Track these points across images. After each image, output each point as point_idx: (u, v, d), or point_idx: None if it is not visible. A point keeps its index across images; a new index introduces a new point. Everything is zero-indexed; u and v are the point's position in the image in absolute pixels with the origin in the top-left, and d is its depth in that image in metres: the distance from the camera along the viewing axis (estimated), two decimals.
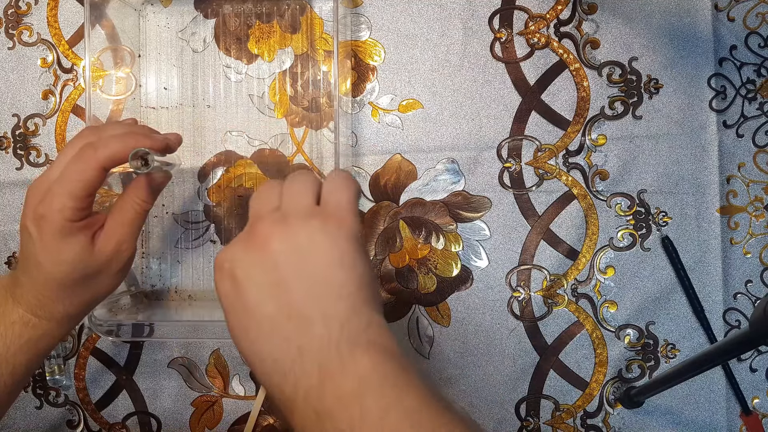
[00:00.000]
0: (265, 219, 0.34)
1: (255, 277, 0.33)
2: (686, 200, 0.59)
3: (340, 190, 0.36)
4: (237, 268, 0.33)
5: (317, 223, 0.34)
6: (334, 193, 0.36)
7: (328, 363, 0.30)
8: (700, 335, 0.59)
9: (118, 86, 0.59)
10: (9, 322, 0.42)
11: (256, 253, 0.33)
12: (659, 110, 0.59)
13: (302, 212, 0.34)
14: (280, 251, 0.33)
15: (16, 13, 0.63)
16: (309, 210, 0.35)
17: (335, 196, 0.36)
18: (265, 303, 0.32)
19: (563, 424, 0.60)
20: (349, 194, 0.36)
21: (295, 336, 0.31)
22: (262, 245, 0.33)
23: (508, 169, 0.60)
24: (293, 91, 0.60)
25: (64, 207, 0.39)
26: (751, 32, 0.59)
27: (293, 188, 0.36)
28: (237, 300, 0.33)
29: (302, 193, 0.36)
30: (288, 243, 0.33)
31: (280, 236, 0.33)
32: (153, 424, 0.62)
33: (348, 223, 0.34)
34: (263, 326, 0.32)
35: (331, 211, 0.35)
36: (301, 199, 0.36)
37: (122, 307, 0.58)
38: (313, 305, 0.32)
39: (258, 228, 0.34)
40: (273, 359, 0.31)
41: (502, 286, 0.60)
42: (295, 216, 0.34)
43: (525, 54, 0.59)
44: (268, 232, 0.33)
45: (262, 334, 0.32)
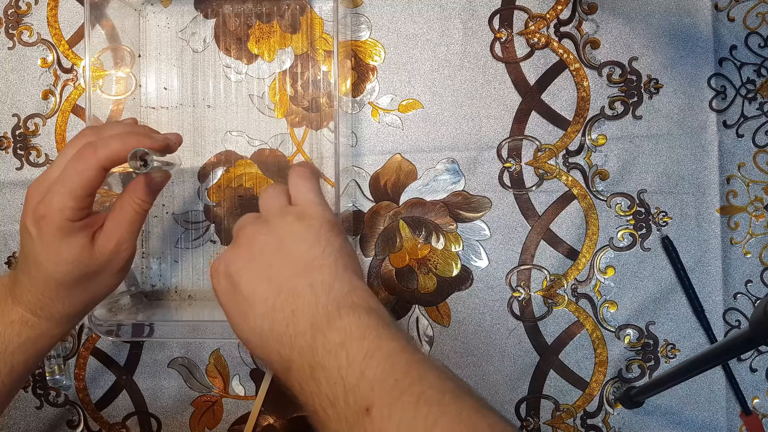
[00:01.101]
0: (248, 225, 0.40)
1: (246, 268, 0.37)
2: (686, 200, 0.59)
3: (304, 188, 0.42)
4: (230, 266, 0.38)
5: (291, 216, 0.39)
6: (300, 192, 0.42)
7: (317, 322, 0.34)
8: (700, 335, 0.59)
9: (118, 86, 0.59)
10: (8, 322, 0.42)
11: (244, 250, 0.38)
12: (659, 110, 0.59)
13: (278, 211, 0.40)
14: (265, 242, 0.38)
15: (16, 13, 0.63)
16: (283, 208, 0.41)
17: (302, 194, 0.42)
18: (258, 287, 0.37)
19: (563, 424, 0.60)
20: (311, 189, 0.42)
21: (288, 304, 0.35)
22: (249, 243, 0.38)
23: (508, 169, 0.60)
24: (293, 91, 0.60)
25: (64, 207, 0.39)
26: (751, 32, 0.59)
27: (266, 197, 0.42)
28: (234, 293, 0.37)
29: (275, 197, 0.42)
30: (270, 236, 0.38)
31: (263, 232, 0.39)
32: (153, 424, 0.62)
33: (318, 212, 0.40)
34: (258, 306, 0.36)
35: (302, 206, 0.41)
36: (275, 202, 0.42)
37: (122, 307, 0.58)
38: (298, 278, 0.36)
39: (242, 233, 0.39)
40: (270, 329, 0.35)
41: (502, 286, 0.60)
42: (272, 215, 0.40)
43: (525, 54, 0.59)
44: (252, 233, 0.39)
45: (259, 313, 0.36)
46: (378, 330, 0.34)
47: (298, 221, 0.39)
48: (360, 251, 0.60)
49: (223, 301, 0.39)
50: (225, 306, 0.38)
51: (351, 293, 0.36)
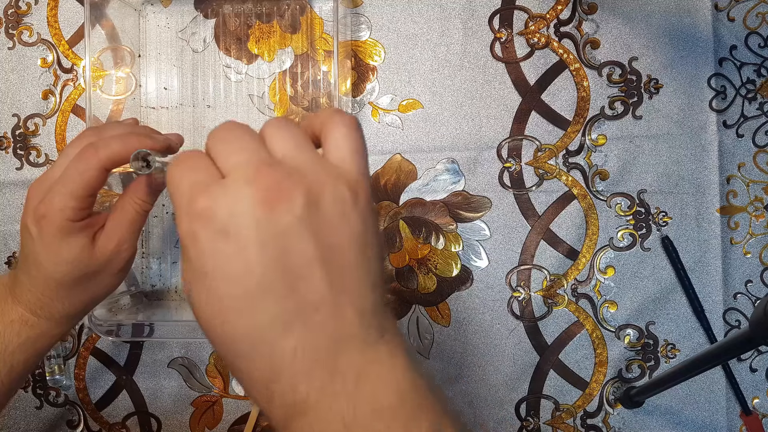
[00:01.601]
0: (276, 168, 0.26)
1: (273, 248, 0.25)
2: (686, 200, 0.59)
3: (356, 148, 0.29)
4: (244, 230, 0.25)
5: (346, 189, 0.27)
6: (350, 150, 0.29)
7: (366, 367, 0.26)
8: (700, 335, 0.59)
9: (118, 86, 0.59)
10: (8, 321, 0.42)
11: (276, 215, 0.25)
12: (659, 110, 0.59)
13: (317, 169, 0.27)
14: (310, 217, 0.26)
15: (16, 13, 0.63)
16: (324, 168, 0.28)
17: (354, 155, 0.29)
18: (288, 284, 0.25)
19: (563, 424, 0.60)
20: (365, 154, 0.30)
21: (329, 327, 0.26)
22: (285, 203, 0.25)
23: (508, 169, 0.60)
24: (293, 91, 0.60)
25: (65, 207, 0.39)
26: (751, 32, 0.59)
27: (287, 134, 0.29)
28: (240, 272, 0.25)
29: (303, 144, 0.29)
30: (317, 208, 0.26)
31: (309, 196, 0.26)
32: (153, 424, 0.62)
33: (368, 189, 0.28)
34: (280, 313, 0.25)
35: (354, 177, 0.28)
36: (306, 151, 0.28)
37: (122, 307, 0.58)
38: (348, 295, 0.26)
39: (271, 177, 0.26)
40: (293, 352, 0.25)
41: (502, 286, 0.60)
42: (312, 172, 0.27)
43: (525, 54, 0.59)
44: (291, 187, 0.26)
45: (277, 321, 0.25)
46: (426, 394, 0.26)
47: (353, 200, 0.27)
48: None
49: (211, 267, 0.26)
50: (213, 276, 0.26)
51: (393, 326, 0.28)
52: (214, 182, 0.27)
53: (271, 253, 0.25)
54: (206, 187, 0.26)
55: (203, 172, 0.28)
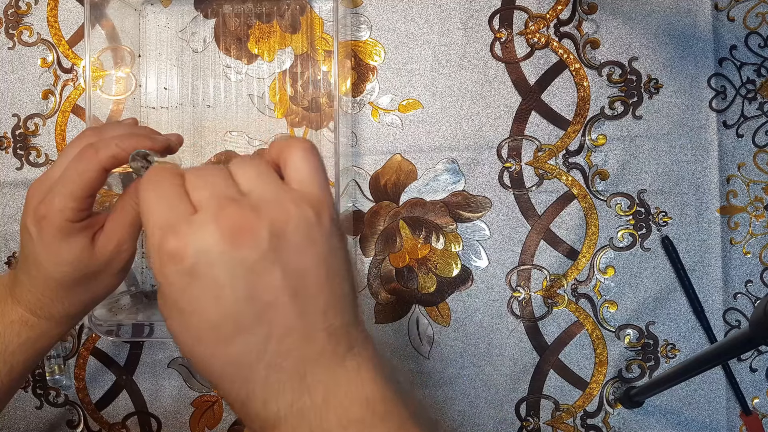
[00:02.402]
0: (240, 203, 0.27)
1: (241, 281, 0.26)
2: (686, 200, 0.59)
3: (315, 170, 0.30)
4: (212, 267, 0.26)
5: (310, 213, 0.28)
6: (309, 174, 0.30)
7: (333, 383, 0.27)
8: (700, 335, 0.59)
9: (118, 86, 0.59)
10: (8, 321, 0.42)
11: (242, 251, 0.26)
12: (659, 110, 0.59)
13: (280, 197, 0.28)
14: (274, 248, 0.27)
15: (16, 13, 0.63)
16: (286, 194, 0.29)
17: (314, 177, 0.30)
18: (257, 314, 0.27)
19: (563, 424, 0.60)
20: (324, 174, 0.30)
21: (297, 350, 0.27)
22: (250, 238, 0.26)
23: (508, 169, 0.60)
24: (293, 91, 0.60)
25: (64, 207, 0.39)
26: (751, 32, 0.59)
27: (253, 171, 0.30)
28: (213, 305, 0.27)
29: (269, 177, 0.30)
30: (282, 238, 0.27)
31: (272, 227, 0.27)
32: (153, 424, 0.62)
33: (331, 205, 0.29)
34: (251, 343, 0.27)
35: (316, 199, 0.29)
36: (271, 184, 0.29)
37: (122, 307, 0.58)
38: (315, 317, 0.28)
39: (236, 213, 0.27)
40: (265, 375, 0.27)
41: (502, 286, 0.60)
42: (274, 202, 0.28)
43: (525, 54, 0.59)
44: (255, 221, 0.27)
45: (250, 347, 0.27)
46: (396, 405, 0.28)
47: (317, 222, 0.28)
48: (360, 251, 0.60)
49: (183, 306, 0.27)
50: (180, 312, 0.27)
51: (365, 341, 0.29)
52: (182, 221, 0.27)
53: (240, 287, 0.26)
54: (176, 227, 0.27)
55: (174, 204, 0.28)
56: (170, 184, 0.29)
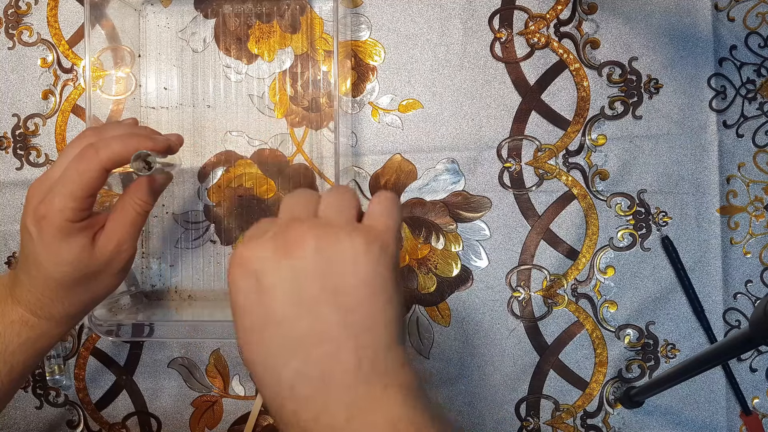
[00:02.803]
0: (303, 222, 0.31)
1: (286, 285, 0.29)
2: (686, 200, 0.59)
3: (388, 212, 0.33)
4: (265, 271, 0.30)
5: (361, 239, 0.30)
6: (380, 214, 0.33)
7: (357, 401, 0.28)
8: (700, 335, 0.59)
9: (118, 86, 0.59)
10: (8, 322, 0.42)
11: (291, 260, 0.30)
12: (659, 110, 0.59)
13: (345, 224, 0.31)
14: (319, 261, 0.30)
15: (16, 13, 0.63)
16: (353, 224, 0.32)
17: (382, 217, 0.33)
18: (294, 318, 0.29)
19: (563, 424, 0.60)
20: (395, 218, 0.33)
21: (323, 362, 0.29)
22: (299, 250, 0.30)
23: (508, 169, 0.60)
24: (293, 91, 0.60)
25: (65, 207, 0.39)
26: (751, 32, 0.59)
27: (334, 200, 0.34)
28: (258, 305, 0.30)
29: (345, 206, 0.33)
30: (328, 254, 0.30)
31: (319, 243, 0.30)
32: (153, 424, 0.62)
33: (393, 248, 0.32)
34: (286, 343, 0.29)
35: (376, 232, 0.31)
36: (344, 212, 0.33)
37: (122, 307, 0.58)
38: (347, 331, 0.29)
39: (294, 230, 0.31)
40: (293, 382, 0.29)
41: (502, 286, 0.60)
42: (337, 226, 0.31)
43: (525, 54, 0.59)
44: (306, 236, 0.30)
45: (283, 350, 0.29)
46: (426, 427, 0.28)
47: (366, 250, 0.30)
48: None
49: (240, 303, 0.31)
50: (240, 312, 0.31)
51: (401, 368, 0.30)
52: (256, 237, 0.32)
53: (283, 290, 0.29)
54: (249, 241, 0.31)
55: (260, 228, 0.33)
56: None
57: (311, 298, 0.29)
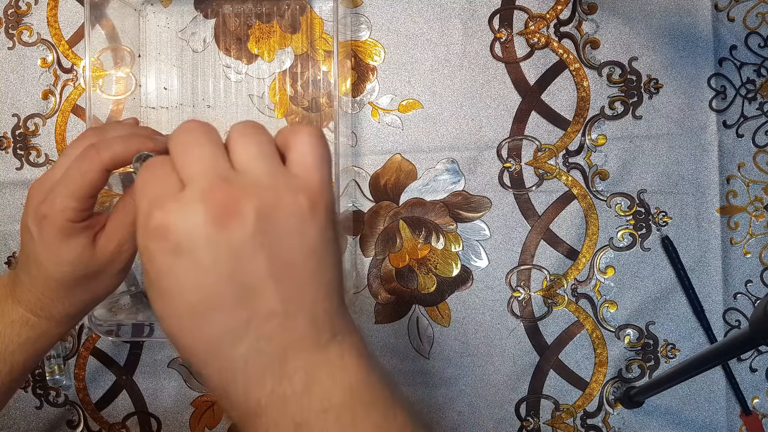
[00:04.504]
0: (232, 183, 0.27)
1: (225, 263, 0.26)
2: (686, 200, 0.59)
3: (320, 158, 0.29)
4: (197, 247, 0.26)
5: (305, 201, 0.27)
6: (313, 163, 0.29)
7: (315, 369, 0.27)
8: (700, 335, 0.59)
9: (118, 86, 0.59)
10: (8, 321, 0.42)
11: (228, 232, 0.26)
12: (659, 110, 0.59)
13: (276, 182, 0.27)
14: (262, 233, 0.26)
15: (16, 13, 0.63)
16: (283, 179, 0.28)
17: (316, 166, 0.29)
18: (240, 299, 0.26)
19: (563, 424, 0.60)
20: (329, 163, 0.30)
21: (278, 335, 0.27)
22: (236, 220, 0.26)
23: (508, 169, 0.60)
24: (293, 91, 0.60)
25: (66, 207, 0.39)
26: (751, 32, 0.59)
27: (252, 145, 0.29)
28: (192, 288, 0.26)
29: (266, 151, 0.29)
30: (271, 224, 0.26)
31: (260, 211, 0.26)
32: (153, 424, 0.62)
33: (329, 195, 0.29)
34: (234, 324, 0.26)
35: (315, 188, 0.28)
36: (268, 160, 0.28)
37: (122, 307, 0.58)
38: (300, 302, 0.27)
39: (225, 193, 0.26)
40: (246, 359, 0.27)
41: (502, 286, 0.60)
42: (268, 186, 0.27)
43: (525, 54, 0.59)
44: (243, 202, 0.26)
45: (231, 332, 0.27)
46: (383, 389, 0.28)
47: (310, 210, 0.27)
48: (360, 251, 0.60)
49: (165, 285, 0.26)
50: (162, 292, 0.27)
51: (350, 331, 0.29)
52: (170, 197, 0.27)
53: (222, 269, 0.26)
54: (162, 204, 0.26)
55: (163, 183, 0.28)
56: (160, 165, 0.29)
57: (257, 277, 0.26)
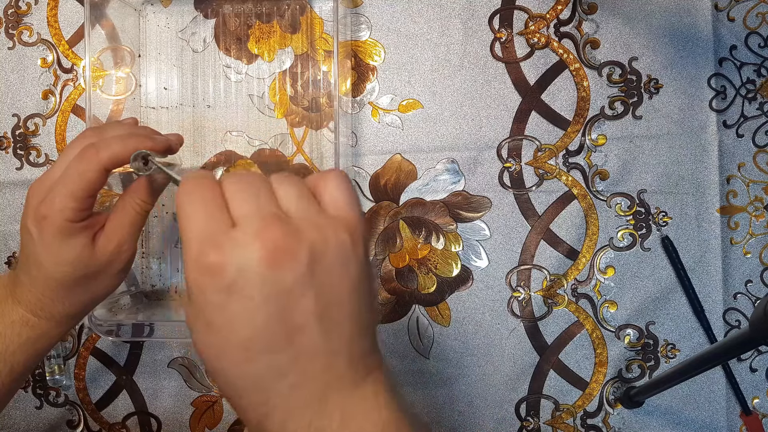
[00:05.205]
0: (285, 221, 0.28)
1: (275, 302, 0.26)
2: (686, 200, 0.59)
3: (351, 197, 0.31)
4: (248, 284, 0.26)
5: (346, 237, 0.28)
6: (346, 201, 0.30)
7: (351, 406, 0.28)
8: (700, 335, 0.59)
9: (118, 86, 0.59)
10: (9, 322, 0.42)
11: (281, 272, 0.26)
12: (659, 110, 0.59)
13: (320, 221, 0.28)
14: (314, 273, 0.27)
15: (16, 13, 0.63)
16: (325, 219, 0.29)
17: (349, 204, 0.30)
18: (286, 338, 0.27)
19: (563, 424, 0.60)
20: (358, 201, 0.31)
21: (321, 374, 0.28)
22: (290, 260, 0.26)
23: (508, 169, 0.60)
24: (293, 91, 0.60)
25: (65, 207, 0.39)
26: (751, 32, 0.59)
27: (291, 189, 0.30)
28: (239, 324, 0.27)
29: (305, 195, 0.30)
30: (321, 263, 0.27)
31: (313, 250, 0.27)
32: (153, 424, 0.62)
33: (365, 231, 0.30)
34: (277, 362, 0.27)
35: (353, 224, 0.29)
36: (310, 203, 0.30)
37: (122, 307, 0.58)
38: (340, 342, 0.28)
39: (280, 231, 0.27)
40: (287, 396, 0.27)
41: (502, 286, 0.60)
42: (315, 225, 0.28)
43: (525, 54, 0.59)
44: (297, 241, 0.27)
45: (273, 369, 0.27)
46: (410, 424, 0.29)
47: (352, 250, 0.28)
48: None
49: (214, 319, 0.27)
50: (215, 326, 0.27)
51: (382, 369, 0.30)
52: (224, 234, 0.27)
53: (273, 308, 0.27)
54: (217, 240, 0.27)
55: (215, 216, 0.28)
56: (210, 194, 0.29)
57: (305, 315, 0.27)
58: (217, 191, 0.29)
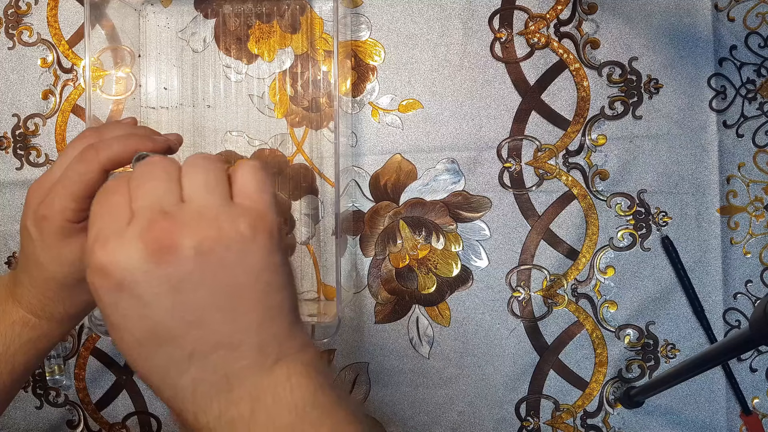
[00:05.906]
0: (172, 216, 0.27)
1: (166, 298, 0.26)
2: (686, 200, 0.59)
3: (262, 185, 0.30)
4: (137, 282, 0.26)
5: (246, 226, 0.28)
6: (255, 190, 0.30)
7: (261, 393, 0.28)
8: (700, 335, 0.59)
9: (118, 86, 0.59)
10: (9, 322, 0.42)
11: (166, 267, 0.26)
12: (659, 110, 0.59)
13: (222, 209, 0.28)
14: (202, 264, 0.27)
15: (16, 13, 0.63)
16: (230, 207, 0.29)
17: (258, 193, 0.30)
18: (184, 331, 0.27)
19: (563, 424, 0.60)
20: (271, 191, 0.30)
21: (223, 365, 0.28)
22: (174, 255, 0.26)
23: (508, 169, 0.60)
24: (293, 91, 0.60)
25: (65, 208, 0.39)
26: (751, 32, 0.59)
27: (201, 175, 0.30)
28: (138, 322, 0.27)
29: (214, 181, 0.29)
30: (211, 253, 0.27)
31: (200, 243, 0.27)
32: (153, 424, 0.62)
33: (277, 228, 0.29)
34: (180, 355, 0.27)
35: (257, 213, 0.29)
36: (216, 190, 0.29)
37: None
38: (246, 331, 0.28)
39: (162, 228, 0.27)
40: (193, 388, 0.28)
41: (502, 286, 0.60)
42: (214, 214, 0.28)
43: (525, 54, 0.59)
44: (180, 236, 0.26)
45: (178, 362, 0.27)
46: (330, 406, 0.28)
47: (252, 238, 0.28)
48: (360, 251, 0.60)
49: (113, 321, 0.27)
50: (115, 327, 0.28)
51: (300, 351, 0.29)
52: (114, 233, 0.27)
53: (163, 305, 0.27)
54: (106, 240, 0.27)
55: (112, 215, 0.28)
56: (117, 191, 0.29)
57: (201, 309, 0.27)
58: (123, 187, 0.29)
